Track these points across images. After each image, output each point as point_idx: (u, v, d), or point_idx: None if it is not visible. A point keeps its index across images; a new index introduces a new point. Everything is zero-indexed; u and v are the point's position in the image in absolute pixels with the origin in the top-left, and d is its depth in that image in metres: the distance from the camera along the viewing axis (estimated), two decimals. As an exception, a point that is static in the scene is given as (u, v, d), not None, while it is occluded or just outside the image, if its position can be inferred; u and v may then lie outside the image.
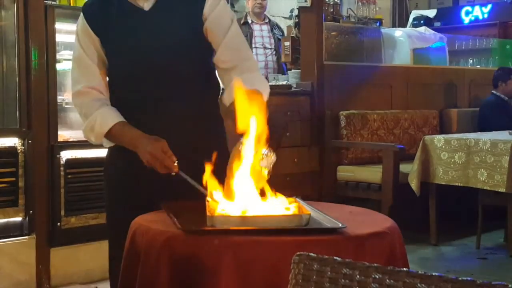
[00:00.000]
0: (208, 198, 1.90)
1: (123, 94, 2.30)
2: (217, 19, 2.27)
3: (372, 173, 5.33)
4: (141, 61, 2.24)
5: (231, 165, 1.91)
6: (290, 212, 1.84)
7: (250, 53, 2.42)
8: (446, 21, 9.76)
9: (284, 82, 5.64)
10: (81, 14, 2.31)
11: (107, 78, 2.33)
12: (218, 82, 2.38)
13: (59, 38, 4.38)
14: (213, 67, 2.33)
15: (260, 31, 6.73)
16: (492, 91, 6.51)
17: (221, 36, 2.26)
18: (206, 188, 1.94)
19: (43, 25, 4.14)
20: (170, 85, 2.23)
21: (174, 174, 2.09)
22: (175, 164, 2.08)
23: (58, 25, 4.31)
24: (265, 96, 2.15)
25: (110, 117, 2.24)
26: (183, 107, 2.20)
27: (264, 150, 1.89)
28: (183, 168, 2.08)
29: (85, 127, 2.29)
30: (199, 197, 1.97)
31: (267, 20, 6.84)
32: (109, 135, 2.25)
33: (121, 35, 2.26)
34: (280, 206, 1.87)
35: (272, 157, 1.90)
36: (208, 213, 1.79)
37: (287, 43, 6.12)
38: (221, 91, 2.38)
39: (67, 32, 4.71)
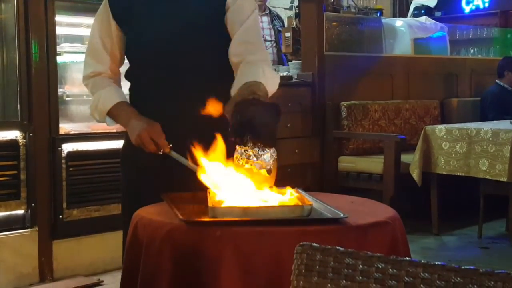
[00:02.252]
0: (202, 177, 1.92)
1: (141, 78, 2.34)
2: (237, 11, 2.27)
3: (374, 164, 5.33)
4: (162, 47, 2.26)
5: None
6: (291, 203, 1.84)
7: (261, 46, 2.38)
8: (447, 10, 9.73)
9: (285, 73, 5.63)
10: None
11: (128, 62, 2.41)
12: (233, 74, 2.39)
13: (59, 30, 4.38)
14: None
15: (260, 23, 6.72)
16: (497, 80, 6.50)
17: (236, 29, 2.27)
18: (197, 165, 1.98)
19: (43, 17, 4.13)
20: (189, 72, 2.25)
21: (162, 153, 2.15)
22: (169, 145, 2.14)
23: (59, 18, 4.31)
24: (269, 87, 2.12)
25: (113, 96, 2.31)
26: (200, 94, 2.17)
27: (256, 149, 1.86)
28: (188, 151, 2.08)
29: (90, 105, 2.38)
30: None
31: (267, 11, 6.83)
32: (111, 114, 2.32)
33: (144, 21, 2.29)
34: (282, 197, 1.87)
35: (269, 154, 1.87)
36: (210, 205, 1.79)
37: (288, 34, 6.11)
38: None
39: (67, 25, 4.71)
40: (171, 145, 2.16)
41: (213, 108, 2.07)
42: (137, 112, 2.26)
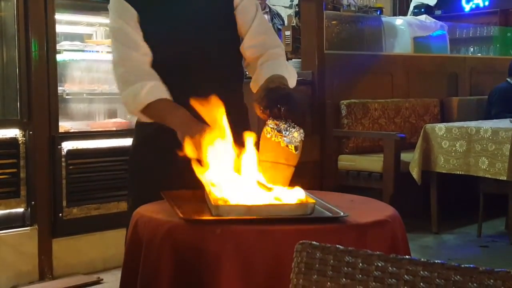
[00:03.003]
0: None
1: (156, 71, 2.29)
2: (245, 7, 2.32)
3: (373, 162, 5.33)
4: (176, 42, 2.26)
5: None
6: (294, 201, 1.84)
7: (276, 40, 2.41)
8: (447, 9, 9.74)
9: (285, 72, 5.62)
10: None
11: None
12: (243, 71, 2.41)
13: (59, 28, 4.38)
14: (241, 55, 2.35)
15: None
16: (507, 78, 6.49)
17: (248, 24, 2.31)
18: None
19: (43, 16, 4.13)
20: (201, 67, 2.25)
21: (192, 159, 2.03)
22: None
23: (58, 16, 4.31)
24: (291, 81, 2.19)
25: (160, 91, 2.18)
26: (212, 89, 2.16)
27: (287, 125, 1.88)
28: None
29: (128, 93, 2.20)
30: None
31: (267, 9, 6.83)
32: (151, 107, 2.17)
33: (158, 16, 2.28)
34: (284, 195, 1.87)
35: (299, 133, 1.89)
36: (212, 203, 1.78)
37: (288, 33, 6.11)
38: (244, 80, 2.41)
39: (67, 23, 4.72)
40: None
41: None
42: (189, 113, 2.09)
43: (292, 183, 2.02)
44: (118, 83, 2.29)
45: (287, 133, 1.88)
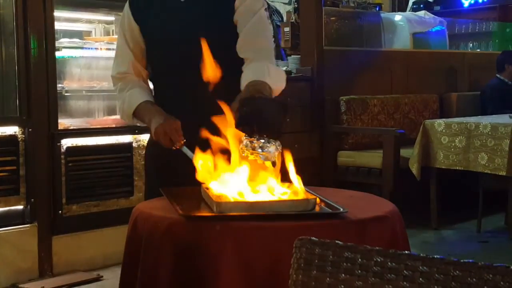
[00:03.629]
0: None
1: (160, 80, 2.43)
2: (245, 11, 2.32)
3: (373, 158, 5.33)
4: (176, 51, 2.32)
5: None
6: (296, 197, 1.84)
7: (266, 43, 2.38)
8: (446, 4, 9.73)
9: (284, 68, 5.62)
10: (127, 2, 2.45)
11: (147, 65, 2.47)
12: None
13: (58, 26, 4.38)
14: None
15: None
16: (497, 74, 6.50)
17: (242, 27, 2.32)
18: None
19: (41, 13, 4.12)
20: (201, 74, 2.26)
21: (175, 148, 2.18)
22: (183, 141, 2.16)
23: (57, 13, 4.30)
24: (276, 86, 2.16)
25: (137, 97, 2.37)
26: (213, 95, 2.17)
27: (262, 141, 1.86)
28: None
29: (119, 108, 2.45)
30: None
31: (266, 6, 6.80)
32: (136, 115, 2.38)
33: (159, 25, 2.37)
34: (285, 191, 1.87)
35: (275, 147, 1.87)
36: (214, 199, 1.78)
37: (287, 29, 6.11)
38: None
39: (66, 20, 4.71)
40: (184, 141, 2.17)
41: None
42: (161, 110, 2.30)
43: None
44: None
45: (263, 150, 1.86)
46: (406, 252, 1.18)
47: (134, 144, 4.47)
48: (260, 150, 1.85)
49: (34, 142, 4.11)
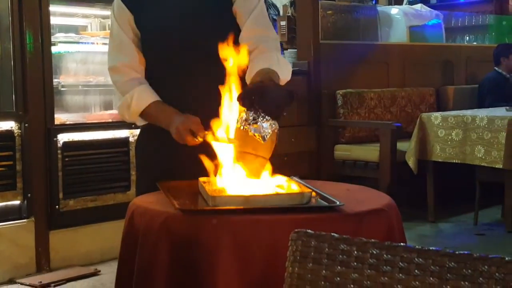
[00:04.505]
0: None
1: (155, 70, 2.36)
2: (244, 1, 2.31)
3: (370, 152, 5.33)
4: (172, 39, 2.29)
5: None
6: (291, 190, 1.84)
7: (272, 33, 2.40)
8: (442, -2, 9.71)
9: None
10: None
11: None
12: None
13: (53, 20, 4.37)
14: None
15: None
16: (495, 68, 6.50)
17: (245, 17, 2.30)
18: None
19: (37, 7, 4.12)
20: (199, 63, 2.27)
21: (197, 140, 2.09)
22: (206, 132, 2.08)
23: (53, 8, 4.29)
24: (284, 75, 2.17)
25: (147, 96, 2.29)
26: (212, 84, 2.17)
27: (258, 116, 1.85)
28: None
29: (121, 104, 2.33)
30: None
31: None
32: (144, 113, 2.30)
33: (154, 14, 2.32)
34: (280, 185, 1.87)
35: (270, 125, 1.85)
36: (209, 193, 1.79)
37: (283, 23, 6.10)
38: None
39: (61, 15, 4.70)
40: (206, 133, 2.08)
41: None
42: (175, 109, 2.23)
43: (289, 173, 2.03)
44: (114, 88, 2.41)
45: (256, 123, 1.85)
46: (402, 244, 1.19)
47: (131, 139, 4.46)
48: (254, 122, 1.84)
49: (31, 137, 4.10)
